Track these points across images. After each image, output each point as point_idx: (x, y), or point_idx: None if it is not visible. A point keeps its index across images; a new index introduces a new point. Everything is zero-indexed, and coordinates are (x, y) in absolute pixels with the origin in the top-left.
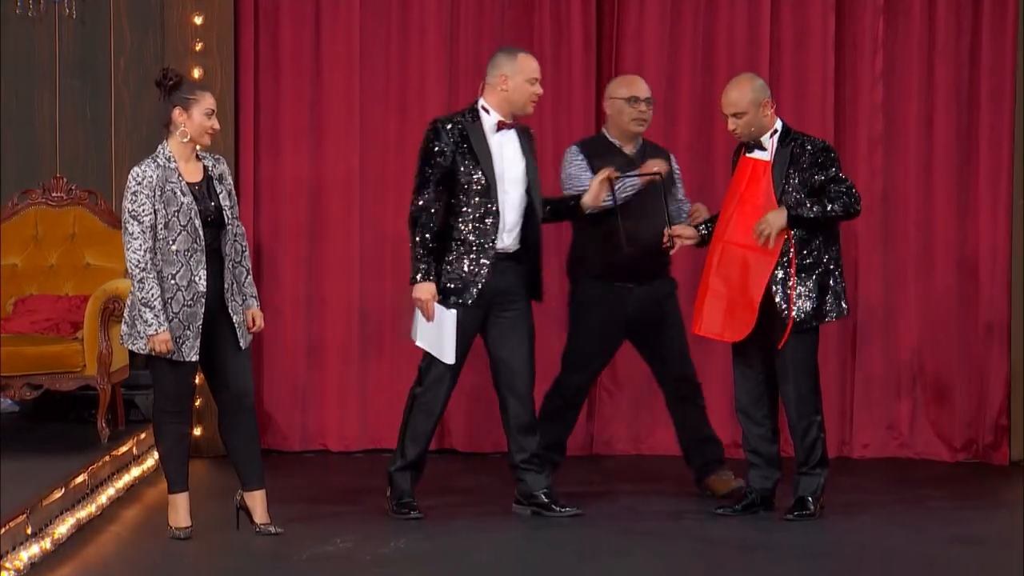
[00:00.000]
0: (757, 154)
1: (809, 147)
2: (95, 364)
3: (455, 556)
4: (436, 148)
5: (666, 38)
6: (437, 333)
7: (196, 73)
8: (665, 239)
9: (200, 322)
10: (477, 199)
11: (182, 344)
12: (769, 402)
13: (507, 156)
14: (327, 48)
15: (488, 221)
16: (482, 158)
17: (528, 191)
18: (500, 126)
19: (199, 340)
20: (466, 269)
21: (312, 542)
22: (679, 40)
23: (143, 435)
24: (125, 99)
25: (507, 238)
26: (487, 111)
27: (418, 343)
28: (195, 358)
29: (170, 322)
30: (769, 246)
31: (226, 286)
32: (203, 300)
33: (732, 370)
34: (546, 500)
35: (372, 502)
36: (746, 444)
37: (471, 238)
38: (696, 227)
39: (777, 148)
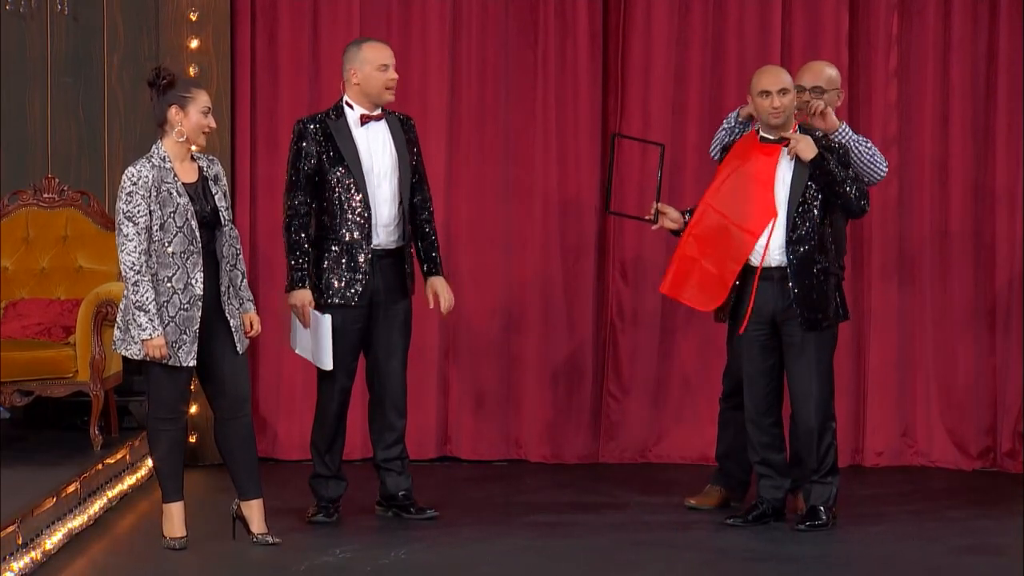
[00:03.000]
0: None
1: (835, 142)
2: (88, 370)
3: (458, 567)
4: (301, 150)
5: (674, 35)
6: (314, 339)
7: (192, 71)
8: (651, 212)
9: (197, 326)
10: (348, 197)
11: (179, 349)
12: (776, 411)
13: (375, 150)
14: (325, 45)
15: (361, 218)
16: (347, 154)
17: (400, 184)
18: (364, 119)
19: (196, 345)
20: (346, 269)
21: (311, 552)
22: (688, 37)
23: (137, 442)
24: (119, 98)
25: (383, 234)
26: (350, 106)
27: (297, 351)
28: (192, 363)
29: (166, 327)
30: (788, 155)
31: (222, 289)
32: (200, 303)
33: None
34: (405, 502)
35: (372, 511)
36: (754, 455)
37: (347, 237)
38: (682, 213)
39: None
